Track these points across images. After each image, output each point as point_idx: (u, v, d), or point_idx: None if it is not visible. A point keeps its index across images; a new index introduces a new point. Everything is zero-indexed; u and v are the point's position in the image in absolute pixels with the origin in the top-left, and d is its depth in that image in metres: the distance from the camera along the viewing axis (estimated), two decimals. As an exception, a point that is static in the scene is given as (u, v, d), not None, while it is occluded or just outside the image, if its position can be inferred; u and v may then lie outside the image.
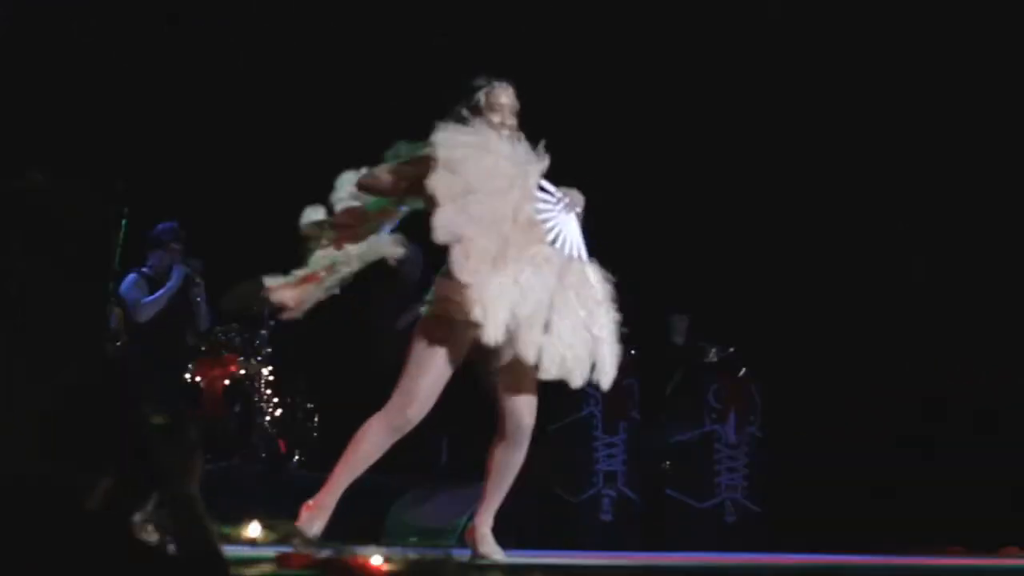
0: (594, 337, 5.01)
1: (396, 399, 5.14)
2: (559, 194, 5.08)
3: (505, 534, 8.37)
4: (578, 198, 5.14)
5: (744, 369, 9.88)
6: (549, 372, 4.99)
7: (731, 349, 10.02)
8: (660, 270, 10.41)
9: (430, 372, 5.07)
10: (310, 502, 5.19)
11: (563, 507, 9.29)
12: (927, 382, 10.07)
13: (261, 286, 9.03)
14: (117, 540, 2.48)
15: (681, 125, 10.60)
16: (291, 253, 9.05)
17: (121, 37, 9.58)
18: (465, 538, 5.31)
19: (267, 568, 3.51)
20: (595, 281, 5.07)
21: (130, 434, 2.57)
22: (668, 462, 9.70)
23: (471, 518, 5.34)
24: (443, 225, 4.87)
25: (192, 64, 9.89)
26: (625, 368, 9.52)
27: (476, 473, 5.39)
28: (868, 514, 9.65)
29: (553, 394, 9.42)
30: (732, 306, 10.27)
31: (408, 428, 5.17)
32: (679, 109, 10.61)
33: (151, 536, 2.58)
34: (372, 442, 5.17)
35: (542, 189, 5.07)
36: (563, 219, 5.04)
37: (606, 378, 5.08)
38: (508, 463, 5.22)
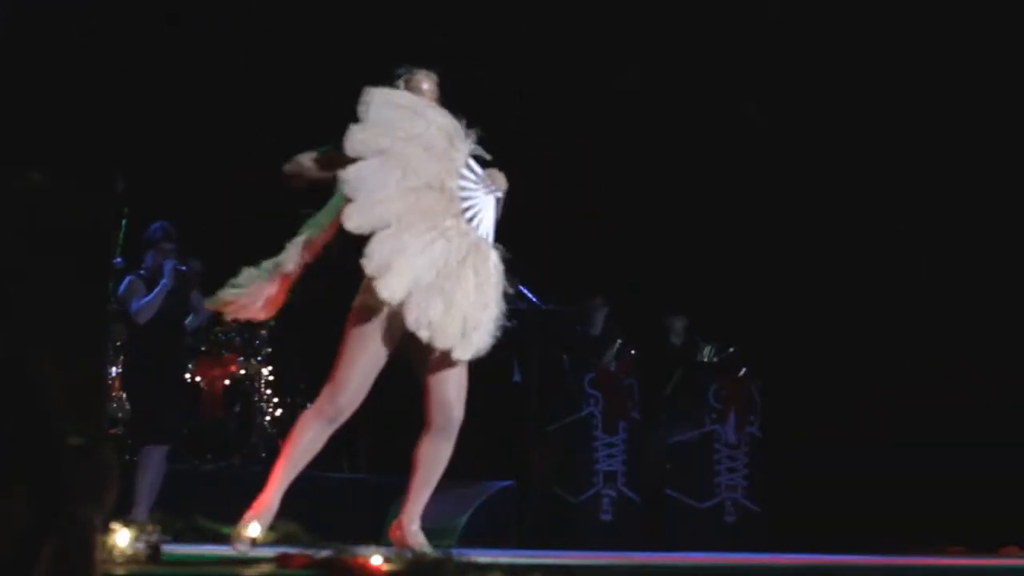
0: (478, 317, 4.98)
1: (327, 388, 5.14)
2: (483, 174, 5.05)
3: (505, 534, 8.41)
4: (502, 181, 5.09)
5: (744, 369, 9.87)
6: (445, 342, 4.93)
7: (731, 349, 10.01)
8: (660, 271, 10.41)
9: (358, 361, 5.06)
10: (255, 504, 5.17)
11: (563, 507, 9.28)
12: (927, 382, 10.06)
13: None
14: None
15: (680, 127, 10.60)
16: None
17: (121, 37, 9.57)
18: (390, 535, 5.20)
19: (267, 568, 3.51)
20: (493, 266, 5.03)
21: (39, 449, 2.43)
22: (668, 465, 9.69)
23: (396, 514, 5.26)
24: (353, 179, 4.87)
25: (192, 64, 9.88)
26: (625, 368, 9.60)
27: (466, 471, 5.33)
28: (868, 514, 9.64)
29: (553, 394, 9.52)
30: (731, 306, 10.27)
31: (342, 418, 5.15)
32: (678, 112, 10.61)
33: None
34: (309, 435, 5.17)
35: (468, 168, 5.04)
36: (483, 200, 5.01)
37: (466, 352, 4.98)
38: (437, 456, 5.14)
